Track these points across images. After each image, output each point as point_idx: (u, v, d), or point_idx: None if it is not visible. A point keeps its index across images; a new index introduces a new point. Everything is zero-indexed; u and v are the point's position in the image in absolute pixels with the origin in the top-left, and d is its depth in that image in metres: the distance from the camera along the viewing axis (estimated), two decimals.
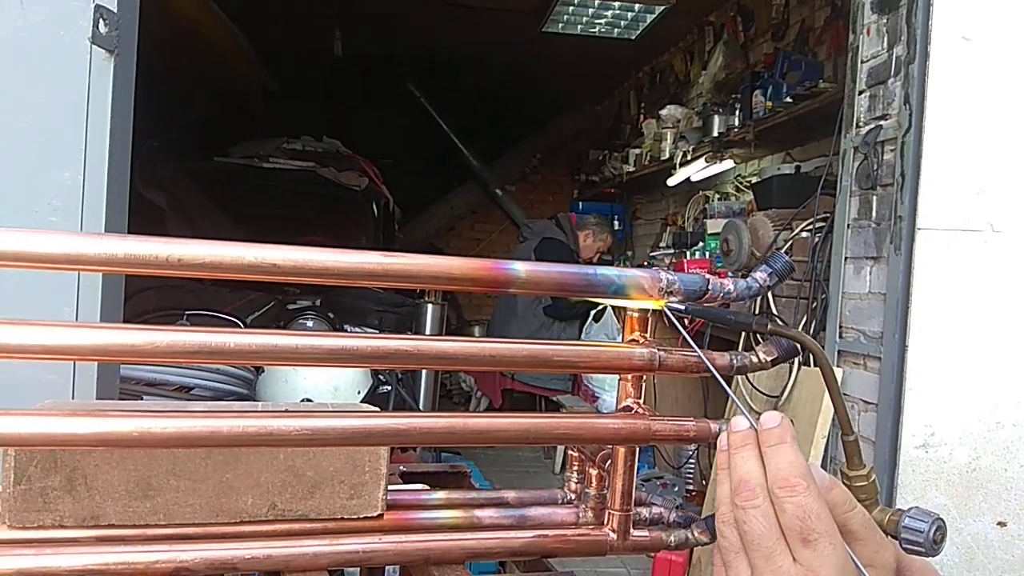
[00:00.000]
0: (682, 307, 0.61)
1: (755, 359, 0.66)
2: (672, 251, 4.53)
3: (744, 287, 0.63)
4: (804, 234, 2.55)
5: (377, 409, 0.66)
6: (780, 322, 2.37)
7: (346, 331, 3.14)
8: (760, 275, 0.63)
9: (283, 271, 0.54)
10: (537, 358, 0.63)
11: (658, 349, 0.63)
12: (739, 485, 0.44)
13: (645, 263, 4.84)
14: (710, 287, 0.63)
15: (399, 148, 5.96)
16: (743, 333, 2.52)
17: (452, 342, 0.62)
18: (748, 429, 0.45)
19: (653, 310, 0.63)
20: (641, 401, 0.65)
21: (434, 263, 0.60)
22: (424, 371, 3.41)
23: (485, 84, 6.05)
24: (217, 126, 4.97)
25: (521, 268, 0.60)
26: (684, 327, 0.60)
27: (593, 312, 4.44)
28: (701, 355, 0.61)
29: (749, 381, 2.54)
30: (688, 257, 4.12)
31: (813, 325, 2.36)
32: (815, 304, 2.38)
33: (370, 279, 0.59)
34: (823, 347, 2.22)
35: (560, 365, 0.63)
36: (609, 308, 4.33)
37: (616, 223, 5.97)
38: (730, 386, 2.66)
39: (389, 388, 3.13)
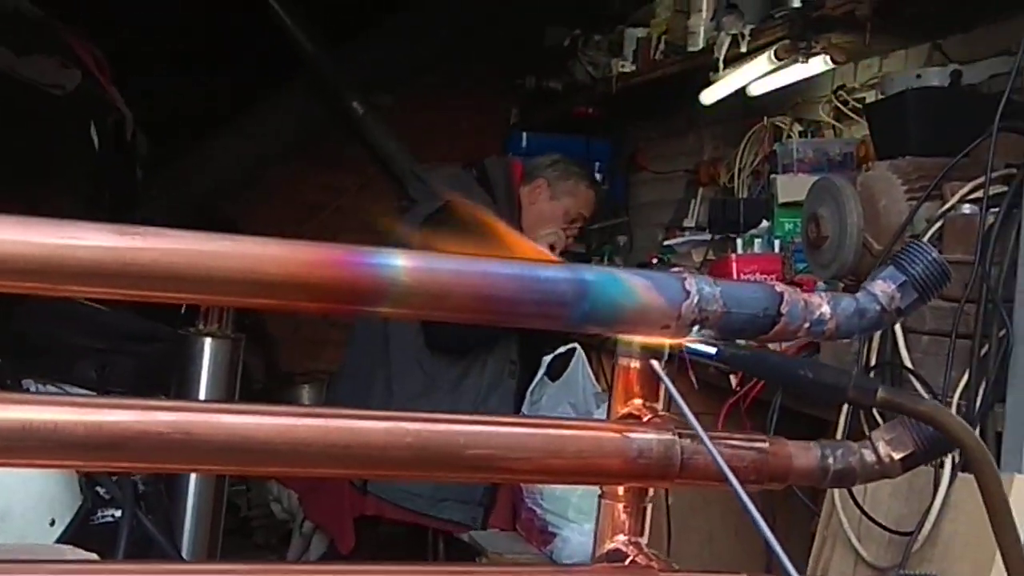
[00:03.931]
0: (711, 350, 0.61)
1: (869, 457, 0.63)
2: (708, 236, 4.18)
3: (852, 311, 0.59)
4: (966, 208, 2.42)
5: (94, 556, 0.57)
6: (915, 380, 2.23)
7: (27, 391, 2.83)
8: (884, 286, 0.59)
9: None
10: (436, 450, 0.58)
11: (678, 434, 0.60)
12: None
13: (654, 260, 4.31)
14: (784, 310, 0.58)
15: (158, 20, 5.33)
16: (843, 407, 2.36)
17: (261, 415, 0.57)
18: None
19: (668, 354, 0.61)
20: (643, 541, 0.61)
21: (228, 250, 0.54)
22: (194, 477, 3.01)
23: None
24: None
25: (401, 264, 0.55)
26: (730, 388, 0.51)
27: (547, 359, 3.98)
28: (712, 450, 0.59)
29: (854, 500, 2.40)
30: (740, 250, 3.80)
31: (982, 390, 2.24)
32: (985, 348, 2.26)
33: (89, 283, 0.53)
34: (999, 431, 2.09)
35: (480, 467, 0.59)
36: (580, 353, 3.92)
37: (597, 175, 5.13)
38: (822, 505, 2.47)
39: (119, 515, 2.80)
